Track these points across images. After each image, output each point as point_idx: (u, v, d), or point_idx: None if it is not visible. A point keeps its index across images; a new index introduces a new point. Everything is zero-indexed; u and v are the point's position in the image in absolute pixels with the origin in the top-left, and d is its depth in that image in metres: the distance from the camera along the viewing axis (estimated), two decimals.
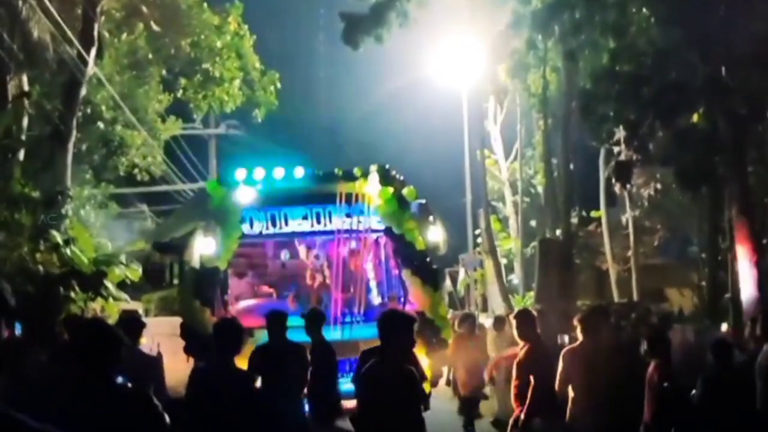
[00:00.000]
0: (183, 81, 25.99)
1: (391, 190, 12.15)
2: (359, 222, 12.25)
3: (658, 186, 27.71)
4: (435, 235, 12.44)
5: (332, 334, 11.32)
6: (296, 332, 9.05)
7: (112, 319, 14.77)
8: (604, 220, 27.31)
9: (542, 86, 23.26)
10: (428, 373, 11.30)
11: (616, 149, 21.64)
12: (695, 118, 17.80)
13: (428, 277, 12.25)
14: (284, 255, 13.89)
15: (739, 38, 14.90)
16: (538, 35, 20.05)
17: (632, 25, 17.12)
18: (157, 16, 23.96)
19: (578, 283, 26.92)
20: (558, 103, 23.87)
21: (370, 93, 31.65)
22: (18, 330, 11.11)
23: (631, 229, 27.37)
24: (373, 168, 12.25)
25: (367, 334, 9.57)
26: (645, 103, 16.45)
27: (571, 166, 23.51)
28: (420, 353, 9.96)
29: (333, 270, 12.85)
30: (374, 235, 12.68)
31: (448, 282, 28.75)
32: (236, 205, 11.63)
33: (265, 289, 13.70)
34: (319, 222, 12.27)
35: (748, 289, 15.45)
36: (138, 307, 15.22)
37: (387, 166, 12.39)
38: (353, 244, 12.81)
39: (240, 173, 11.70)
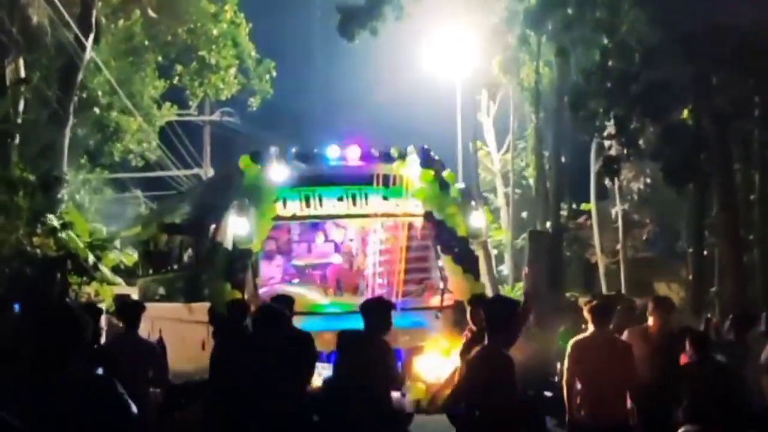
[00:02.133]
0: (179, 68, 26.22)
1: (432, 172, 11.42)
2: (397, 205, 11.51)
3: (648, 180, 27.98)
4: (477, 220, 11.58)
5: None
6: (328, 319, 9.04)
7: (106, 303, 15.05)
8: (594, 213, 27.48)
9: (534, 81, 23.50)
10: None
11: (607, 143, 21.88)
12: (684, 114, 18.08)
13: (469, 264, 11.47)
14: (318, 238, 12.87)
15: (724, 38, 15.16)
16: (531, 32, 20.27)
17: (623, 23, 17.35)
18: (154, 3, 24.14)
19: (567, 274, 27.23)
20: (550, 97, 24.10)
21: (364, 83, 31.74)
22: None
23: (620, 223, 27.55)
24: (411, 149, 11.50)
25: (404, 323, 9.26)
26: (634, 100, 16.72)
27: (563, 159, 23.77)
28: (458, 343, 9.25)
29: (369, 255, 12.15)
30: (413, 219, 11.80)
31: None
32: (271, 184, 10.89)
33: (297, 273, 12.64)
34: (355, 204, 11.45)
35: (730, 283, 15.78)
36: (133, 292, 15.40)
37: (426, 146, 11.63)
38: (390, 229, 12.06)
39: (274, 150, 11.01)
